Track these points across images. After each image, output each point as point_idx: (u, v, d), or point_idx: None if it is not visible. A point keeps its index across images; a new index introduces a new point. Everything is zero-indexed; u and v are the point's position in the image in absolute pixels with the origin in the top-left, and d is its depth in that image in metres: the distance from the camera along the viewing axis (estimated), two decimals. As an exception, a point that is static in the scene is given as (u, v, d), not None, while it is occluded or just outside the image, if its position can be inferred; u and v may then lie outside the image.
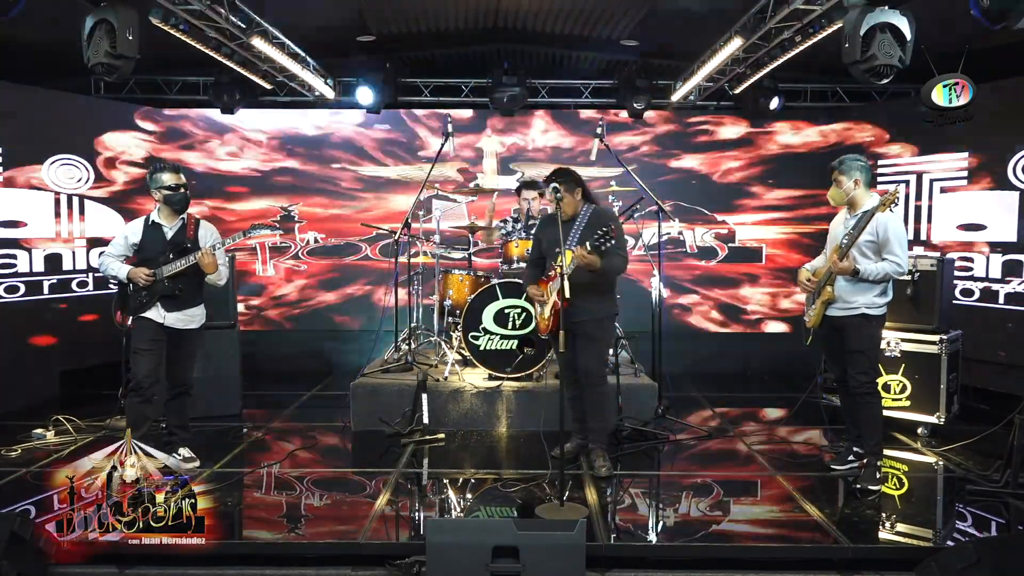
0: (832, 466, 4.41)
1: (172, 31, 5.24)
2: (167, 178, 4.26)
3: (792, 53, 5.66)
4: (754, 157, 7.64)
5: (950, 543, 3.47)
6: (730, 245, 7.74)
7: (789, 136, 7.62)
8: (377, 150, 7.66)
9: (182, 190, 4.30)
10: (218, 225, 4.77)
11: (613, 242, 3.94)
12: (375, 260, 7.76)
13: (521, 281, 4.72)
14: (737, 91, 7.08)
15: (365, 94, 7.15)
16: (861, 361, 4.11)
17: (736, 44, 5.57)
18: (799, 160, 7.58)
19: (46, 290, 6.40)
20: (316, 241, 7.76)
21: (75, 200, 6.62)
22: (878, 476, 4.12)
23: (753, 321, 7.71)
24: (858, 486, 4.10)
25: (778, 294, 7.70)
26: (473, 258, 6.38)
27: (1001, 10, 3.71)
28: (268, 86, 7.11)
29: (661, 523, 3.83)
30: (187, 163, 7.41)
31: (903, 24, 4.37)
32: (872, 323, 4.09)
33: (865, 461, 4.20)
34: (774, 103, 7.14)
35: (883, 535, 3.67)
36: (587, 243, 3.98)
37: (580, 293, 4.06)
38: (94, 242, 6.70)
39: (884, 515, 3.85)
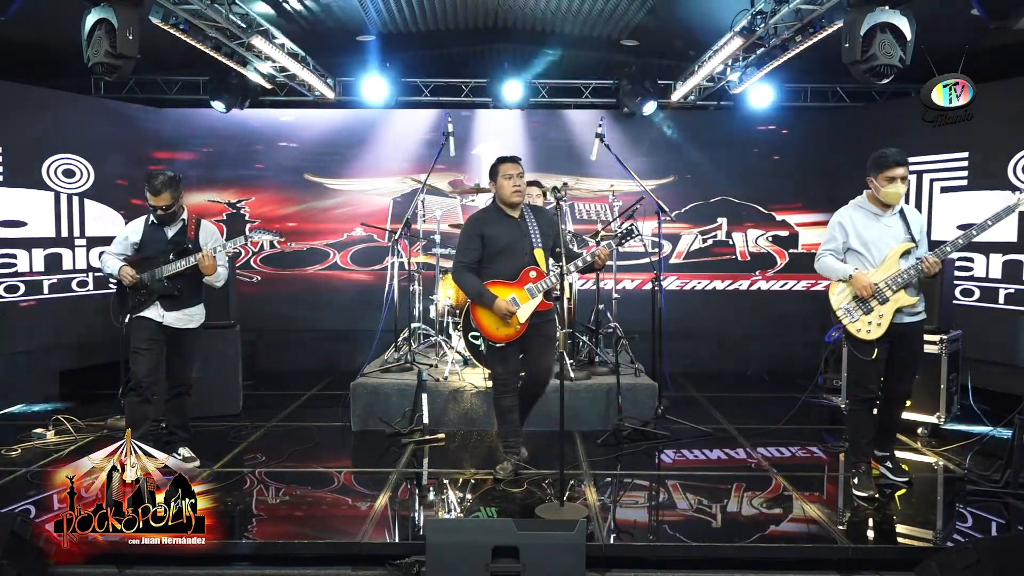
0: (881, 490, 4.04)
1: (172, 31, 5.24)
2: (149, 197, 4.24)
3: (792, 53, 5.66)
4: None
5: (950, 543, 3.47)
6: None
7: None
8: (369, 151, 7.60)
9: (161, 211, 4.26)
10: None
11: (637, 236, 4.07)
12: (347, 269, 7.54)
13: (477, 291, 4.10)
14: (737, 91, 7.08)
15: (377, 89, 7.09)
16: (917, 368, 4.15)
17: (736, 44, 5.57)
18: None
19: (46, 290, 6.40)
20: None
21: (75, 200, 6.62)
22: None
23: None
24: (901, 480, 4.16)
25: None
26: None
27: (1003, 8, 3.72)
28: (268, 85, 7.12)
29: (661, 523, 3.83)
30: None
31: (903, 24, 4.36)
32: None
33: (889, 455, 4.24)
34: (769, 99, 7.15)
35: (883, 535, 3.68)
36: (611, 242, 4.09)
37: (548, 293, 4.15)
38: (94, 242, 6.71)
39: (884, 515, 3.86)
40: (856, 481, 4.05)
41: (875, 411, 4.16)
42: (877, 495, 3.96)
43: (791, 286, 7.60)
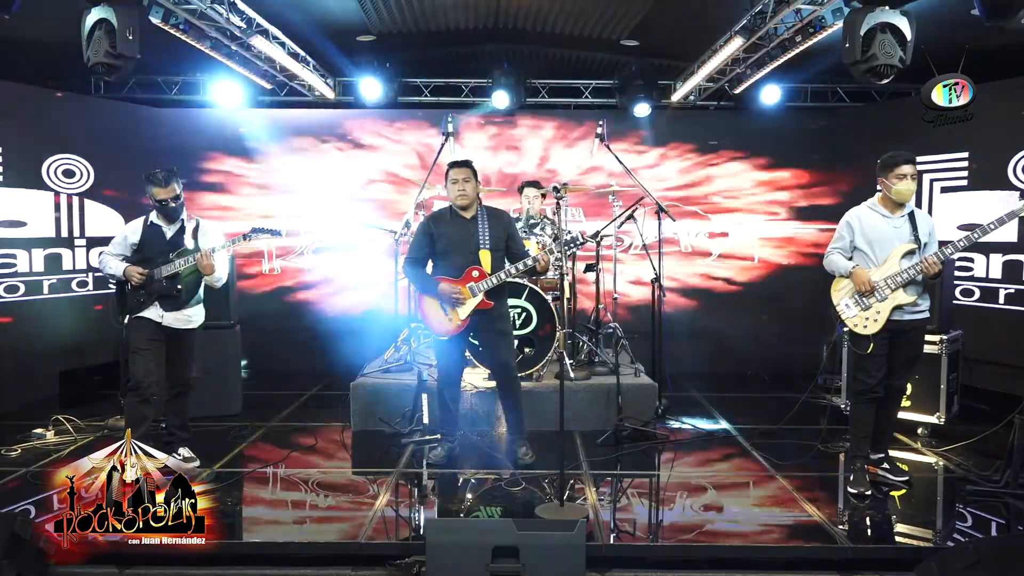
0: (879, 489, 4.10)
1: (172, 31, 5.24)
2: (156, 192, 4.24)
3: (792, 53, 5.66)
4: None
5: (950, 543, 3.48)
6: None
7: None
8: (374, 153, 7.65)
9: (171, 203, 4.27)
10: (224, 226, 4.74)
11: (583, 243, 4.33)
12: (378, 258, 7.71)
13: (422, 280, 4.38)
14: (737, 91, 7.08)
15: (372, 89, 7.10)
16: (916, 365, 4.20)
17: (736, 44, 5.57)
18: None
19: (46, 290, 6.40)
20: (320, 240, 7.65)
21: (75, 200, 6.62)
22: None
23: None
24: (900, 479, 4.18)
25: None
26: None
27: (1002, 6, 3.72)
28: (268, 86, 7.12)
29: (661, 523, 3.83)
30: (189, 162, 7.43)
31: (903, 24, 4.36)
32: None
33: (885, 456, 4.26)
34: (773, 96, 7.14)
35: (883, 535, 3.68)
36: (553, 246, 4.30)
37: (494, 290, 4.30)
38: (94, 242, 6.71)
39: (884, 515, 3.86)
40: (851, 478, 4.10)
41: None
42: (869, 492, 4.00)
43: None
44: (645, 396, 5.28)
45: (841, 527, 3.61)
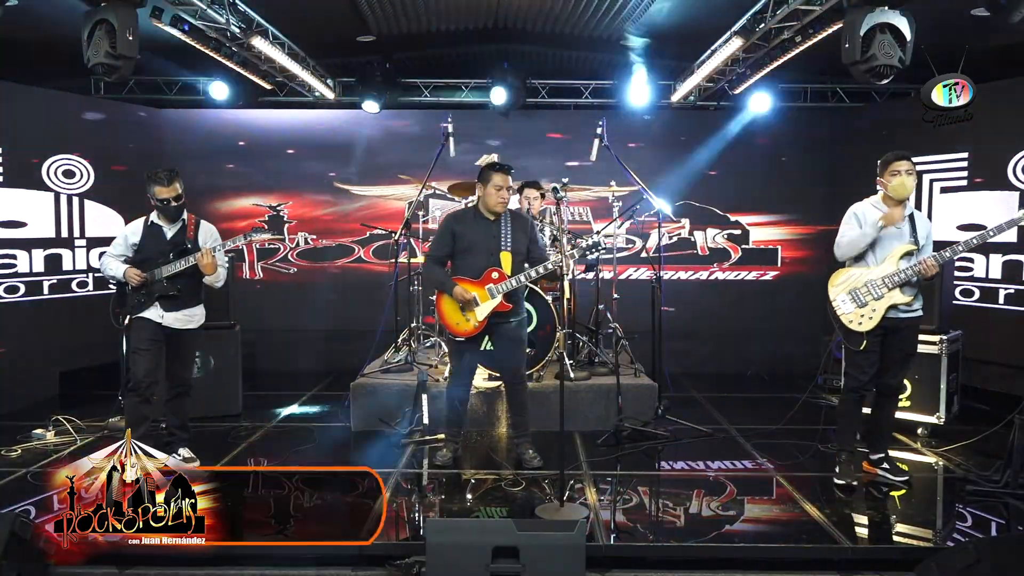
0: (879, 489, 4.11)
1: (172, 31, 5.24)
2: (158, 191, 4.23)
3: (792, 53, 5.66)
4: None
5: (950, 543, 3.47)
6: (743, 247, 7.69)
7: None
8: (375, 152, 7.65)
9: (173, 203, 4.26)
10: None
11: (603, 249, 4.19)
12: (369, 263, 7.70)
13: (440, 280, 4.31)
14: (737, 91, 7.08)
15: (371, 105, 7.15)
16: (911, 364, 4.22)
17: (736, 44, 5.57)
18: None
19: (46, 290, 6.40)
20: (306, 243, 7.66)
21: (75, 200, 6.62)
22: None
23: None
24: (899, 479, 4.18)
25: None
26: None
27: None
28: (268, 86, 7.12)
29: (661, 523, 3.83)
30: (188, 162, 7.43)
31: (903, 24, 4.37)
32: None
33: (884, 456, 4.27)
34: (765, 104, 7.15)
35: (883, 535, 3.68)
36: (575, 251, 4.22)
37: (509, 295, 4.24)
38: (94, 242, 6.71)
39: (884, 515, 3.86)
40: (837, 469, 4.15)
41: (867, 406, 4.28)
42: (856, 483, 4.04)
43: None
44: (645, 396, 5.28)
45: (841, 527, 3.61)
